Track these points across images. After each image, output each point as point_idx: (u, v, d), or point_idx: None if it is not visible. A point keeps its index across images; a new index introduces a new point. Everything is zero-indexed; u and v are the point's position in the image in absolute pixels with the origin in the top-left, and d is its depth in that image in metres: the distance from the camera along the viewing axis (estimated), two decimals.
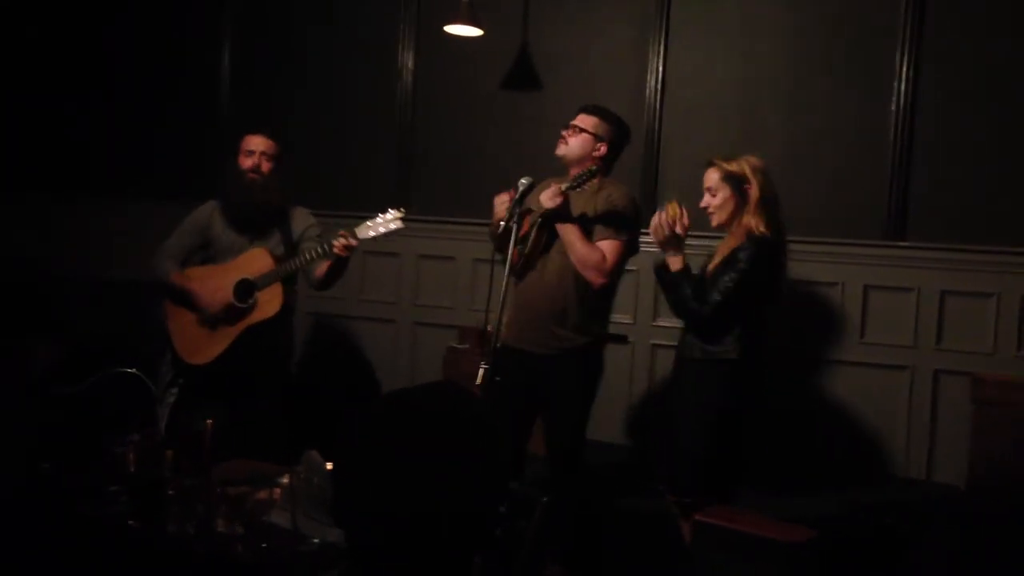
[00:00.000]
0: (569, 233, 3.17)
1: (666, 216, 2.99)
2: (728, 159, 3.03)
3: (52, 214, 5.52)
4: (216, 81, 5.42)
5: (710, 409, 2.95)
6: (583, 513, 3.30)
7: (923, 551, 3.45)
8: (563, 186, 3.12)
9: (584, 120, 3.27)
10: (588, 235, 3.21)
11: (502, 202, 3.21)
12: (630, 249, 3.30)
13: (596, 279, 3.22)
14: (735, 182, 2.98)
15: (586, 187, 3.18)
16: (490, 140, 4.84)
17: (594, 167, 3.15)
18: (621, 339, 4.30)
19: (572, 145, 3.27)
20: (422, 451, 1.15)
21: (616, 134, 3.31)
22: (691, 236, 3.04)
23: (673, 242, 3.00)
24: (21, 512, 2.07)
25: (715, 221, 3.05)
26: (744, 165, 3.00)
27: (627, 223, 3.25)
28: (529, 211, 3.23)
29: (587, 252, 3.18)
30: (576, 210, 3.20)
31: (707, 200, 3.05)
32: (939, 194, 4.26)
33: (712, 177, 3.03)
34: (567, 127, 3.29)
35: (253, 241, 3.62)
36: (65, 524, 2.07)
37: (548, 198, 3.11)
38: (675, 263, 3.01)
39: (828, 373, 4.38)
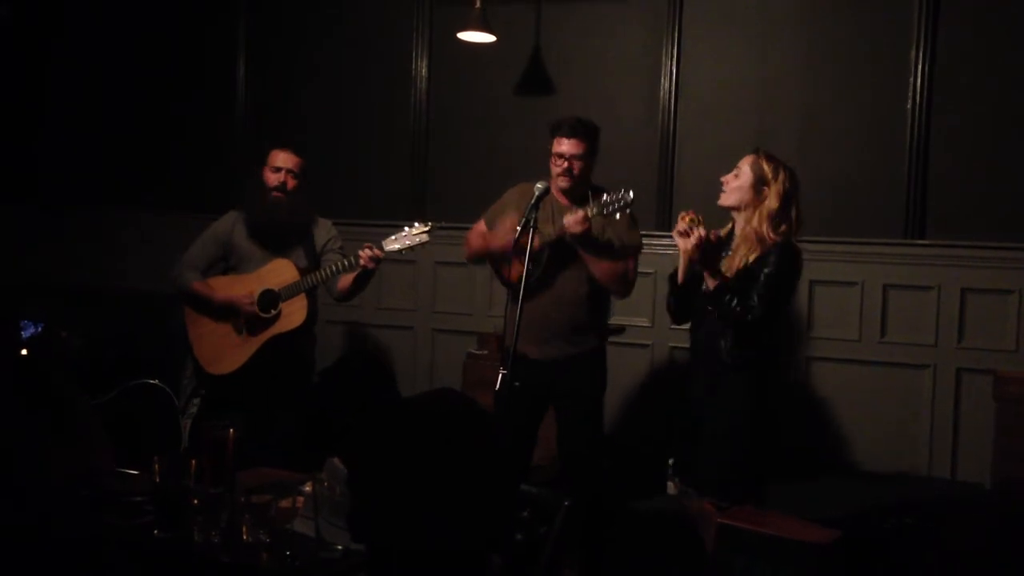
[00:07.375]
0: (597, 253, 3.18)
1: (695, 225, 2.86)
2: (772, 157, 2.94)
3: (68, 226, 5.57)
4: (232, 91, 5.46)
5: (751, 412, 2.91)
6: (601, 517, 3.32)
7: (948, 550, 3.42)
8: (591, 211, 3.09)
9: (577, 146, 3.21)
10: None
11: (505, 232, 3.20)
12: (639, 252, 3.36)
13: (624, 291, 3.30)
14: (759, 177, 2.91)
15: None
16: (504, 146, 4.85)
17: (629, 195, 3.07)
18: (619, 331, 4.32)
19: (578, 174, 3.23)
20: (428, 457, 1.16)
21: (597, 142, 3.29)
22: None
23: (712, 256, 2.87)
24: (47, 523, 2.10)
25: (721, 200, 2.97)
26: (780, 172, 2.90)
27: (633, 229, 3.30)
28: (535, 228, 3.20)
29: (616, 268, 3.22)
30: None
31: (728, 177, 2.97)
32: (958, 191, 4.23)
33: (746, 160, 2.96)
34: (560, 157, 3.20)
35: (276, 253, 3.62)
36: (92, 535, 2.10)
37: (575, 223, 3.08)
38: (713, 282, 2.87)
39: (849, 373, 4.35)
